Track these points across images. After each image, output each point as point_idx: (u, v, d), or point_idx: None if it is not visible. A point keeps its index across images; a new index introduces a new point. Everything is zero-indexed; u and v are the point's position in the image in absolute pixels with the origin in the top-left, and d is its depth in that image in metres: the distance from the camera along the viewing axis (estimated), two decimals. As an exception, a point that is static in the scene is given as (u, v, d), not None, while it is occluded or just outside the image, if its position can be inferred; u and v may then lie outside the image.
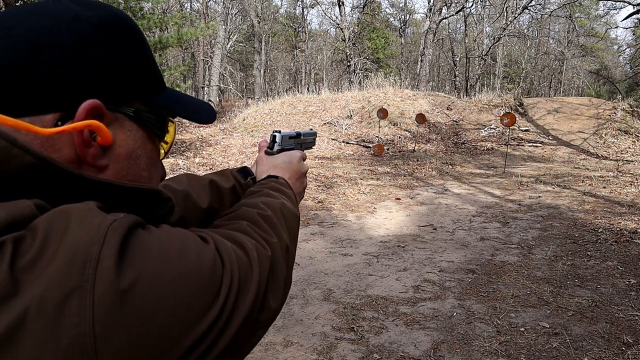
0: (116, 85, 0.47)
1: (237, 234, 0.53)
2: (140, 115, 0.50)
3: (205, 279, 0.42)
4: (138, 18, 8.22)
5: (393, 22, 38.07)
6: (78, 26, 0.45)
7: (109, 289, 0.35)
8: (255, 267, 0.49)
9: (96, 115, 0.44)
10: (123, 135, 0.48)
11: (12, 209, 0.37)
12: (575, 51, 29.26)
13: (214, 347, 0.41)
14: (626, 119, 12.88)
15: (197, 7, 27.86)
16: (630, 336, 2.86)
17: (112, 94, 0.46)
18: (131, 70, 0.49)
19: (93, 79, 0.45)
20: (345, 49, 24.32)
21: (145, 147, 0.51)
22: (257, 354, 2.72)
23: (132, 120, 0.49)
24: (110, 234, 0.37)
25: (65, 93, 0.43)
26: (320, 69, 38.52)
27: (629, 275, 3.84)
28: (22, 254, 0.35)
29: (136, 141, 0.50)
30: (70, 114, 0.43)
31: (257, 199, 0.67)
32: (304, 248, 4.73)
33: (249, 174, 0.85)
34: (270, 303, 0.50)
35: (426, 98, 15.86)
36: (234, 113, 18.64)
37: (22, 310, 0.33)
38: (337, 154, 11.46)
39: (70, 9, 0.45)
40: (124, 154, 0.48)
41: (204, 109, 0.59)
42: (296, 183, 0.82)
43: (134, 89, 0.49)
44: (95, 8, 0.47)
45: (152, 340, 0.37)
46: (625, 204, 6.22)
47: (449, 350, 2.77)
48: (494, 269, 4.09)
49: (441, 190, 7.69)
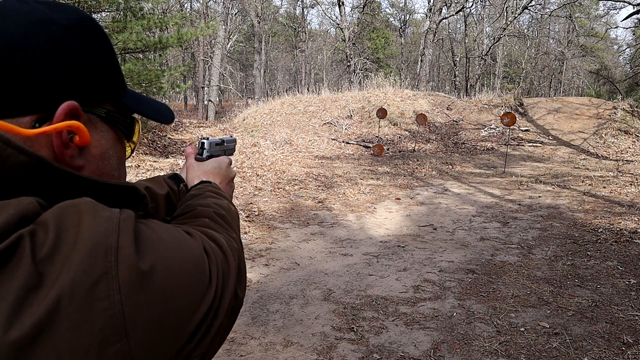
0: (89, 87, 0.48)
1: (208, 230, 0.57)
2: (111, 116, 0.51)
3: (201, 267, 0.46)
4: (138, 18, 8.21)
5: (393, 22, 38.06)
6: (51, 29, 0.45)
7: (132, 274, 0.38)
8: (230, 259, 0.52)
9: (73, 116, 0.45)
10: (97, 136, 0.49)
11: (20, 206, 0.38)
12: (575, 51, 29.24)
13: (211, 328, 0.45)
14: (626, 119, 12.88)
15: (197, 7, 27.85)
16: (630, 336, 2.86)
17: (85, 95, 0.48)
18: (101, 72, 0.50)
19: (68, 81, 0.46)
20: (345, 49, 24.31)
21: (116, 147, 0.53)
22: (257, 354, 2.72)
23: (104, 121, 0.51)
24: (122, 225, 0.40)
25: (42, 95, 0.44)
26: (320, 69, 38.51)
27: (629, 275, 3.84)
28: (39, 246, 0.36)
29: (108, 141, 0.51)
30: (47, 116, 0.44)
31: (207, 200, 0.69)
32: (304, 248, 4.73)
33: (180, 180, 0.86)
34: (239, 292, 0.53)
35: (426, 98, 15.86)
36: (234, 113, 18.63)
37: (55, 299, 0.35)
38: (337, 154, 11.46)
39: (39, 10, 0.46)
40: (98, 154, 0.49)
41: (164, 110, 0.61)
42: (226, 187, 0.84)
43: (104, 90, 0.51)
44: (64, 10, 0.48)
45: (171, 318, 0.41)
46: (625, 204, 6.22)
47: (449, 350, 2.77)
48: (494, 269, 4.09)
49: (441, 190, 7.69)
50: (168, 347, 0.41)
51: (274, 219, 5.74)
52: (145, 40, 7.83)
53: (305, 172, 8.63)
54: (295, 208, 6.25)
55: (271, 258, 4.40)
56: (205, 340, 0.45)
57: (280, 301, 3.46)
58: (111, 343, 0.36)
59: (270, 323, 3.11)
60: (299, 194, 7.05)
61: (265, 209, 6.09)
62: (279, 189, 7.24)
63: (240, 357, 2.70)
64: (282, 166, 9.04)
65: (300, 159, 10.32)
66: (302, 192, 7.13)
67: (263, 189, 7.14)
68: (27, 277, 0.35)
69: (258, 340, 2.88)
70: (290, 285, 3.77)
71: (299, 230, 5.34)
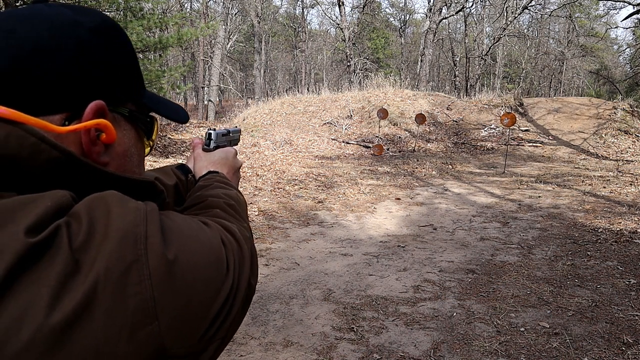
0: (114, 87, 0.51)
1: (221, 220, 0.59)
2: (134, 115, 0.54)
3: (220, 257, 0.48)
4: (138, 18, 8.21)
5: (393, 22, 38.07)
6: (77, 31, 0.47)
7: (160, 262, 0.41)
8: (244, 248, 0.55)
9: (100, 115, 0.48)
10: (120, 134, 0.52)
11: (55, 198, 0.41)
12: (575, 51, 29.24)
13: (229, 315, 0.48)
14: (626, 119, 12.88)
15: (197, 7, 27.84)
16: (630, 336, 2.86)
17: (111, 95, 0.50)
18: (125, 73, 0.53)
19: (95, 81, 0.48)
20: (345, 49, 24.31)
21: (137, 145, 0.56)
22: (257, 354, 2.72)
23: (127, 121, 0.53)
24: (150, 216, 0.43)
25: (72, 94, 0.46)
26: (320, 69, 38.52)
27: (629, 275, 3.84)
28: (75, 236, 0.39)
29: (130, 140, 0.54)
30: (76, 114, 0.47)
31: (217, 190, 0.71)
32: (304, 248, 4.73)
33: (188, 171, 0.87)
34: (252, 281, 0.55)
35: (426, 98, 15.86)
36: (234, 113, 18.64)
37: (92, 284, 0.37)
38: (337, 154, 11.46)
39: (66, 13, 0.48)
40: (121, 152, 0.52)
41: (181, 110, 0.65)
42: (233, 177, 0.86)
43: (128, 91, 0.53)
44: (88, 14, 0.50)
45: (195, 304, 0.43)
46: (625, 204, 6.22)
47: (449, 350, 2.77)
48: (494, 269, 4.09)
49: (441, 190, 7.69)
50: (193, 331, 0.43)
51: (274, 219, 5.74)
52: (145, 40, 7.84)
53: (305, 172, 8.63)
54: (295, 208, 6.25)
55: (271, 258, 4.40)
56: (224, 326, 0.47)
57: (280, 301, 3.46)
58: (143, 325, 0.39)
59: (270, 323, 3.11)
60: (299, 194, 7.05)
61: (265, 209, 6.09)
62: (279, 189, 7.24)
63: (240, 357, 2.70)
64: (282, 166, 9.04)
65: (300, 159, 10.32)
66: (302, 192, 7.13)
67: (263, 189, 7.14)
68: (66, 264, 0.37)
69: (258, 340, 2.88)
70: (290, 285, 3.77)
71: (299, 230, 5.34)
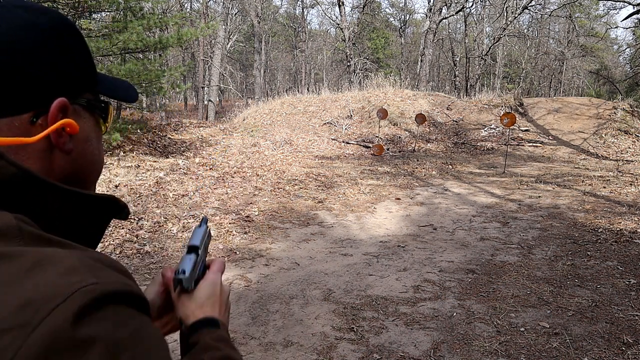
0: (73, 81, 0.55)
1: None
2: (91, 104, 0.58)
3: None
4: (138, 18, 8.20)
5: (393, 22, 38.06)
6: (34, 32, 0.50)
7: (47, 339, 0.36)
8: None
9: (63, 110, 0.52)
10: (81, 122, 0.56)
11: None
12: (575, 51, 29.24)
13: None
14: (626, 119, 12.88)
15: (197, 7, 27.83)
16: (630, 336, 2.86)
17: (71, 89, 0.54)
18: (81, 66, 0.56)
19: (57, 78, 0.52)
20: (345, 49, 24.30)
21: (95, 129, 0.60)
22: (257, 354, 2.72)
23: (86, 109, 0.57)
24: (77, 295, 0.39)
25: (36, 94, 0.50)
26: (320, 69, 38.51)
27: (629, 275, 3.83)
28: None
29: (90, 126, 0.58)
30: (42, 111, 0.50)
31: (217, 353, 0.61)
32: (304, 248, 4.73)
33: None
34: None
35: (426, 98, 15.86)
36: (234, 113, 18.65)
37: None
38: (337, 154, 11.46)
39: (20, 15, 0.50)
40: (82, 138, 0.56)
41: (130, 89, 0.67)
42: (225, 314, 0.71)
43: (85, 82, 0.57)
44: (41, 13, 0.53)
45: None
46: (625, 204, 6.22)
47: (449, 350, 2.77)
48: (494, 269, 4.09)
49: (441, 190, 7.69)
50: None
51: (274, 219, 5.74)
52: (145, 40, 7.83)
53: (305, 172, 8.63)
54: (295, 208, 6.25)
55: (271, 258, 4.40)
56: None
57: (280, 301, 3.46)
58: None
59: (270, 323, 3.11)
60: (299, 194, 7.05)
61: (265, 209, 6.09)
62: (279, 189, 7.23)
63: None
64: (282, 166, 9.04)
65: (300, 159, 10.32)
66: (302, 192, 7.13)
67: (263, 189, 7.14)
68: None
69: (258, 340, 2.88)
70: (290, 285, 3.77)
71: (299, 230, 5.33)
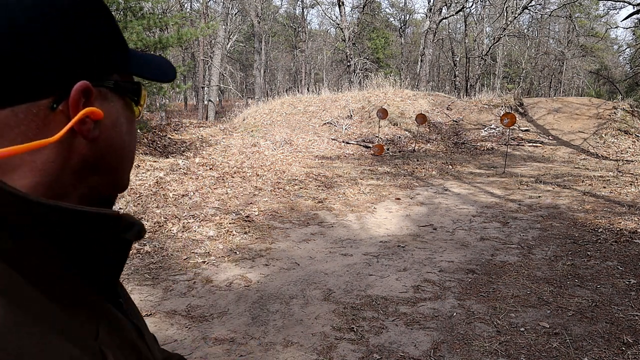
0: (98, 62, 0.49)
1: None
2: (119, 86, 0.53)
3: None
4: (138, 18, 8.20)
5: (393, 22, 38.07)
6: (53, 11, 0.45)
7: None
8: None
9: (86, 94, 0.47)
10: (107, 106, 0.51)
11: None
12: (575, 51, 29.24)
13: None
14: (626, 119, 12.88)
15: (197, 7, 27.83)
16: (630, 336, 2.86)
17: (95, 70, 0.49)
18: (107, 44, 0.51)
19: (79, 60, 0.47)
20: (345, 49, 24.31)
21: (125, 113, 0.54)
22: (257, 354, 2.72)
23: (113, 92, 0.52)
24: None
25: (57, 77, 0.45)
26: (320, 69, 38.53)
27: (629, 275, 3.83)
28: None
29: (118, 110, 0.53)
30: (63, 96, 0.45)
31: None
32: (304, 248, 4.73)
33: None
34: None
35: (426, 98, 15.86)
36: (234, 113, 18.64)
37: None
38: (337, 154, 11.46)
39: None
40: (110, 123, 0.51)
41: (167, 67, 0.61)
42: None
43: (111, 62, 0.52)
44: None
45: None
46: (625, 204, 6.22)
47: (449, 350, 2.77)
48: (494, 269, 4.09)
49: (441, 190, 7.69)
50: None
51: (274, 219, 5.74)
52: (145, 40, 7.83)
53: (305, 172, 8.63)
54: (295, 208, 6.25)
55: (271, 258, 4.40)
56: None
57: (280, 301, 3.46)
58: None
59: (270, 323, 3.11)
60: (299, 194, 7.05)
61: (265, 209, 6.09)
62: (279, 189, 7.23)
63: (240, 357, 2.70)
64: (282, 166, 9.04)
65: (300, 159, 10.32)
66: (302, 192, 7.13)
67: (263, 189, 7.14)
68: None
69: (258, 340, 2.88)
70: (290, 285, 3.77)
71: (299, 230, 5.33)
